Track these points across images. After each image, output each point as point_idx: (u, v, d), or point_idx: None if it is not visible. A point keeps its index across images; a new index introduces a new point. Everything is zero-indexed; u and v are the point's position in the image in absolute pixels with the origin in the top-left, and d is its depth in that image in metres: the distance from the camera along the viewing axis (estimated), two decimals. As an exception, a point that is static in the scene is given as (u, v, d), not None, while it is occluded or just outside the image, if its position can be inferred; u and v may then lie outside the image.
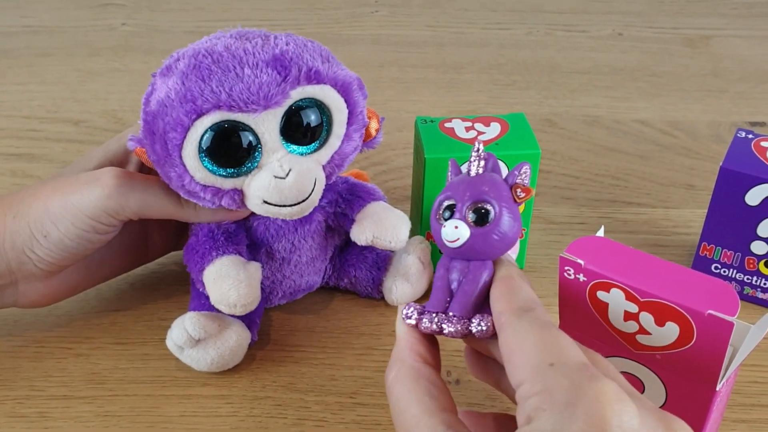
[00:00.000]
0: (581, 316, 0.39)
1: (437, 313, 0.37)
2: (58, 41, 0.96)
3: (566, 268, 0.38)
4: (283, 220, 0.53)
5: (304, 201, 0.50)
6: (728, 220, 0.56)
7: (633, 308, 0.37)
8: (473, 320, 0.36)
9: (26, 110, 0.83)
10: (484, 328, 0.36)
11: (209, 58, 0.46)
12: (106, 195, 0.48)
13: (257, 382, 0.52)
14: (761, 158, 0.55)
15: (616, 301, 0.37)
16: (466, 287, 0.37)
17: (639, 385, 0.40)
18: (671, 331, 0.36)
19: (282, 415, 0.50)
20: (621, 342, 0.39)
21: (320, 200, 0.54)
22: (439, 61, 0.92)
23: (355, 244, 0.56)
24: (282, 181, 0.48)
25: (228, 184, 0.49)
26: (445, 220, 0.37)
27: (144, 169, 0.55)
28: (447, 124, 0.58)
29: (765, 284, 0.57)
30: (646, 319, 0.37)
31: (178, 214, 0.51)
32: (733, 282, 0.58)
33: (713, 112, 0.83)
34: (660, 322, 0.37)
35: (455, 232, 0.36)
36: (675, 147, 0.77)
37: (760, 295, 0.58)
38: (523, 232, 0.60)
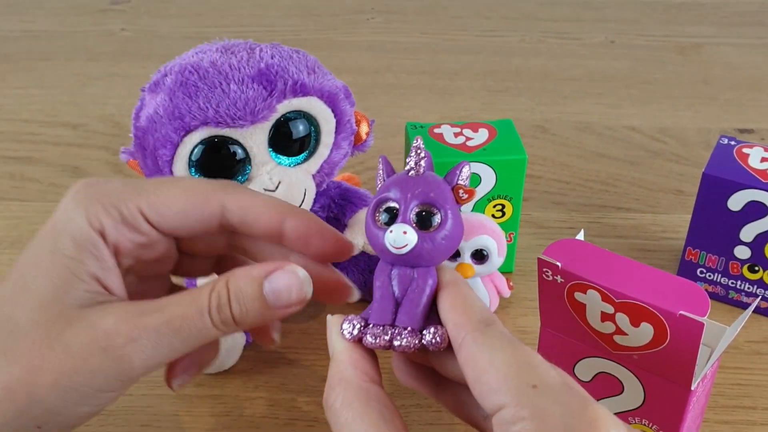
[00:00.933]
0: (561, 316, 0.41)
1: (384, 326, 0.35)
2: (58, 46, 0.98)
3: (544, 269, 0.39)
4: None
5: (294, 209, 0.51)
6: (712, 225, 0.57)
7: (609, 309, 0.38)
8: (425, 332, 0.34)
9: (25, 114, 0.84)
10: (439, 340, 0.34)
11: (195, 75, 0.47)
12: (126, 367, 0.34)
13: (250, 383, 0.53)
14: (743, 164, 0.56)
15: (592, 301, 0.38)
16: (414, 296, 0.35)
17: (618, 386, 0.41)
18: (646, 331, 0.37)
19: (273, 415, 0.51)
20: (600, 343, 0.40)
21: (313, 205, 0.55)
22: (433, 67, 0.94)
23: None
24: (272, 193, 0.49)
25: None
26: (386, 224, 0.35)
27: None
28: (436, 130, 0.60)
29: (749, 288, 0.59)
30: (622, 319, 0.38)
31: (220, 335, 0.36)
32: (718, 286, 0.60)
33: (703, 119, 0.84)
34: (635, 323, 0.38)
35: (404, 237, 0.34)
36: (665, 153, 0.78)
37: (745, 299, 0.59)
38: (511, 236, 0.61)
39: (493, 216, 0.59)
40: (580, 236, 0.42)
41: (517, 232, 0.61)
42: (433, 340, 0.34)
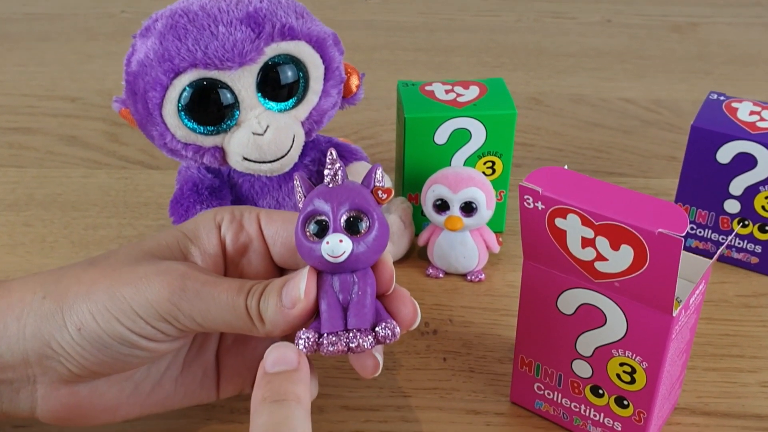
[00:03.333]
0: (543, 246, 0.41)
1: (337, 332, 0.37)
2: (58, 27, 0.99)
3: (525, 197, 0.39)
4: (267, 178, 0.55)
5: (283, 157, 0.51)
6: (701, 180, 0.57)
7: (589, 233, 0.38)
8: (377, 329, 0.37)
9: (25, 89, 0.85)
10: (390, 333, 0.37)
11: (185, 18, 0.48)
12: (167, 295, 0.37)
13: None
14: (732, 117, 0.56)
15: (573, 227, 0.39)
16: (359, 299, 0.37)
17: (601, 317, 0.41)
18: (626, 254, 0.38)
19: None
20: (581, 272, 0.40)
21: (303, 158, 0.56)
22: (430, 45, 0.94)
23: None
24: (260, 137, 0.50)
25: (208, 141, 0.51)
26: (317, 236, 0.36)
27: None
28: (427, 87, 0.60)
29: (740, 244, 0.59)
30: (602, 243, 0.38)
31: (247, 327, 0.38)
32: (708, 242, 0.60)
33: (698, 91, 0.84)
34: (615, 246, 0.38)
35: (340, 246, 0.36)
36: (659, 123, 0.79)
37: (735, 255, 0.59)
38: (501, 194, 0.61)
39: (483, 174, 0.59)
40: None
41: (508, 190, 0.61)
42: (387, 333, 0.37)
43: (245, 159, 0.50)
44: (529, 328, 0.45)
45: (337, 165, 0.37)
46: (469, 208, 0.55)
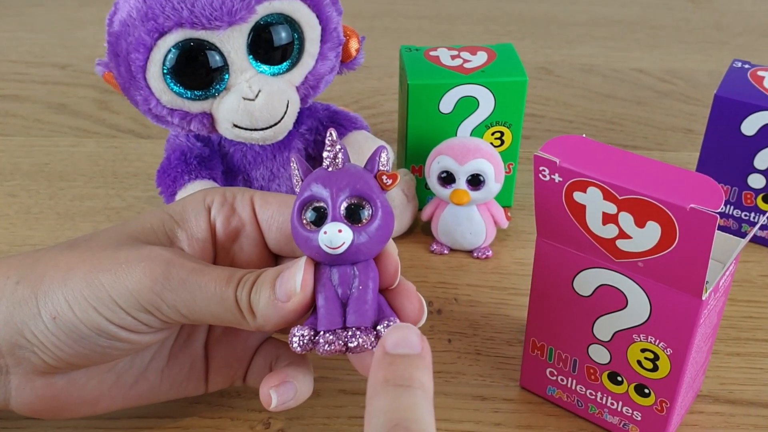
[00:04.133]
0: (559, 223, 0.38)
1: (335, 330, 0.34)
2: (48, -9, 0.95)
3: (541, 168, 0.36)
4: (261, 147, 0.52)
5: (276, 124, 0.48)
6: (724, 153, 0.54)
7: (611, 209, 0.35)
8: (379, 327, 0.33)
9: (13, 55, 0.82)
10: None
11: None
12: (149, 284, 0.34)
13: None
14: (758, 86, 0.53)
15: (593, 201, 0.35)
16: (360, 293, 0.34)
17: (621, 300, 0.38)
18: (652, 232, 0.34)
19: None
20: (601, 250, 0.37)
21: (300, 126, 0.52)
22: (434, 12, 0.90)
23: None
24: (251, 102, 0.46)
25: (196, 107, 0.47)
26: (315, 225, 0.33)
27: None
28: (432, 53, 0.56)
29: (765, 221, 0.55)
30: (626, 220, 0.35)
31: (236, 321, 0.35)
32: (730, 219, 0.56)
33: (714, 62, 0.81)
34: (640, 223, 0.35)
35: (339, 236, 0.32)
36: (674, 94, 0.75)
37: (759, 233, 0.56)
38: (510, 167, 0.58)
39: (491, 145, 0.56)
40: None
41: (517, 163, 0.58)
42: None
43: (235, 126, 0.47)
44: (542, 310, 0.42)
45: (338, 147, 0.34)
46: (476, 181, 0.52)
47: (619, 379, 0.41)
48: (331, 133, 0.34)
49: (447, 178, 0.52)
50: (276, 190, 0.53)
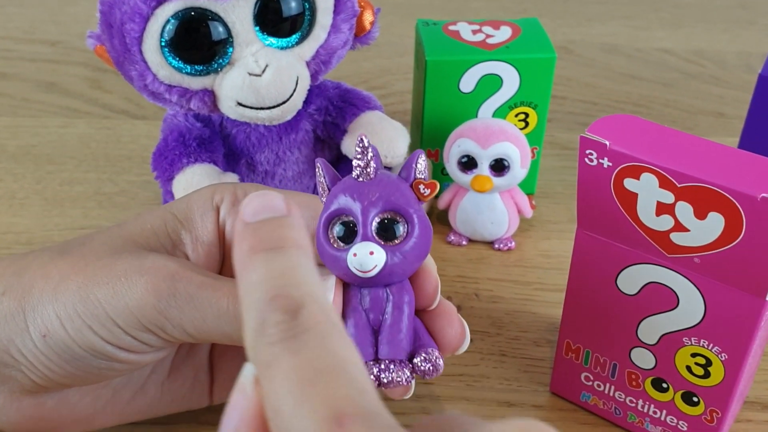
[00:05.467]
0: (604, 213, 0.33)
1: (365, 363, 0.30)
2: (38, -36, 0.90)
3: (588, 151, 0.32)
4: (266, 128, 0.47)
5: (284, 103, 0.44)
6: (767, 138, 0.50)
7: (668, 198, 0.31)
8: (415, 360, 0.30)
9: (1, 31, 0.77)
10: (431, 367, 0.30)
11: None
12: (152, 302, 0.30)
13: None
14: (806, 65, 0.48)
15: (647, 189, 0.31)
16: (393, 321, 0.30)
17: (672, 299, 0.34)
18: (714, 224, 0.30)
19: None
20: (652, 244, 0.33)
21: (308, 106, 0.48)
22: (446, -12, 0.86)
23: (346, 159, 0.50)
24: (257, 78, 0.42)
25: (196, 83, 0.43)
26: (343, 242, 0.30)
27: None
28: (451, 27, 0.52)
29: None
30: (684, 210, 0.31)
31: None
32: (768, 209, 0.52)
33: (742, 42, 0.76)
34: (701, 214, 0.30)
35: (371, 259, 0.29)
36: (702, 76, 0.71)
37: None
38: (534, 151, 0.53)
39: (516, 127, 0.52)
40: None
41: (541, 147, 0.54)
42: (428, 367, 0.30)
43: (239, 104, 0.43)
44: (579, 309, 0.38)
45: (370, 153, 0.30)
46: (500, 167, 0.48)
47: (665, 385, 0.37)
48: (362, 139, 0.29)
49: (468, 163, 0.48)
50: (281, 175, 0.49)
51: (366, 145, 0.30)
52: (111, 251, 0.32)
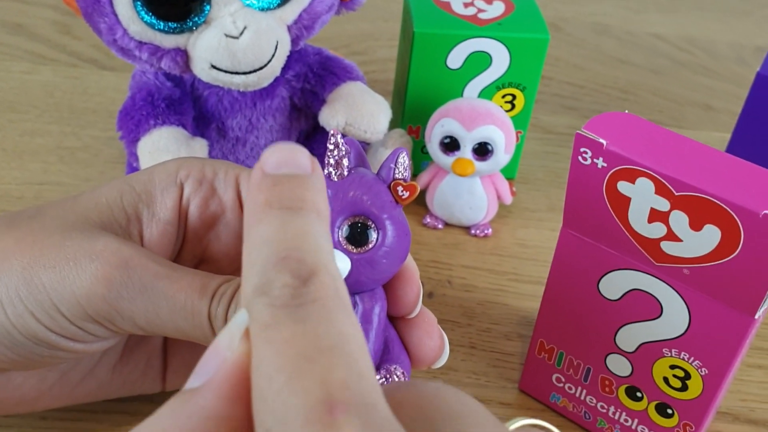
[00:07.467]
0: (593, 215, 0.32)
1: None
2: None
3: (582, 150, 0.30)
4: (239, 93, 0.45)
5: (261, 68, 0.41)
6: (760, 138, 0.48)
7: (663, 205, 0.29)
8: (378, 378, 0.27)
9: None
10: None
11: None
12: (101, 292, 0.28)
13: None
14: (806, 66, 0.47)
15: (642, 195, 0.29)
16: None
17: (656, 308, 0.33)
18: (710, 236, 0.29)
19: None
20: (640, 250, 0.31)
21: (286, 72, 0.45)
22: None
23: (323, 131, 0.48)
24: (234, 41, 0.40)
25: (169, 42, 0.40)
26: None
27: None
28: (442, -1, 0.50)
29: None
30: (679, 220, 0.29)
31: (204, 338, 0.29)
32: (752, 211, 0.51)
33: (736, 33, 0.75)
34: (696, 225, 0.29)
35: None
36: (692, 65, 0.69)
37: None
38: (519, 134, 0.51)
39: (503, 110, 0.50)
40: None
41: (526, 131, 0.52)
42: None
43: (213, 67, 0.40)
44: (557, 309, 0.36)
45: (342, 149, 0.27)
46: (483, 150, 0.46)
47: (639, 395, 0.36)
48: (333, 135, 0.27)
49: (450, 145, 0.46)
50: (254, 143, 0.47)
51: (338, 141, 0.27)
52: (62, 228, 0.29)
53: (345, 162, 0.27)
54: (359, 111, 0.46)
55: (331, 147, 0.27)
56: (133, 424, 0.36)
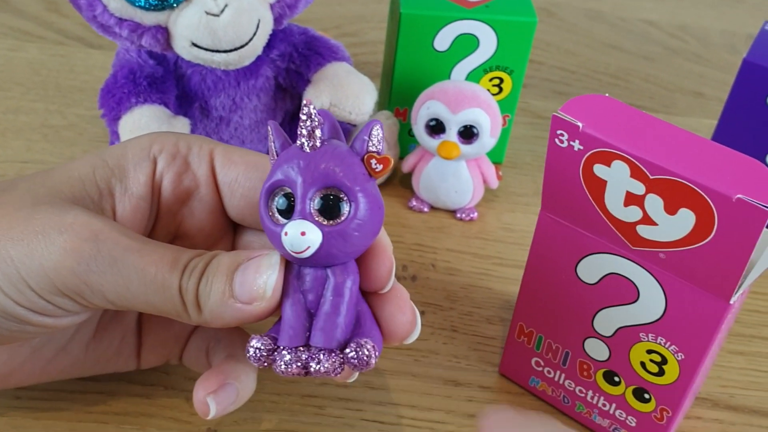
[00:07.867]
0: (570, 198, 0.31)
1: (295, 348, 0.27)
2: None
3: (559, 132, 0.30)
4: (223, 72, 0.45)
5: (242, 47, 0.41)
6: (745, 125, 0.48)
7: (639, 188, 0.29)
8: (347, 351, 0.27)
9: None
10: (366, 357, 0.27)
11: None
12: (70, 265, 0.27)
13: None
14: (794, 53, 0.46)
15: (617, 178, 0.29)
16: (333, 307, 0.27)
17: (632, 292, 0.32)
18: (684, 220, 0.28)
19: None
20: (617, 234, 0.31)
21: (271, 51, 0.45)
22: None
23: (308, 111, 0.47)
24: (215, 19, 0.39)
25: (149, 18, 0.40)
26: (283, 216, 0.27)
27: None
28: (430, -20, 0.49)
29: (775, 204, 0.50)
30: (654, 203, 0.29)
31: (175, 313, 0.28)
32: (738, 198, 0.51)
33: (728, 21, 0.74)
34: (671, 209, 0.29)
35: (303, 240, 0.26)
36: (684, 52, 0.69)
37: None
38: (506, 119, 0.51)
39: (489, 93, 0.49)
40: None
41: (513, 115, 0.52)
42: (360, 359, 0.27)
43: (194, 45, 0.40)
44: (536, 292, 0.36)
45: (315, 120, 0.27)
46: (469, 134, 0.46)
47: (617, 379, 0.36)
48: (306, 105, 0.27)
49: (436, 127, 0.46)
50: (237, 123, 0.46)
51: (309, 112, 0.27)
52: (32, 202, 0.29)
53: (318, 133, 0.27)
54: (344, 92, 0.45)
55: (303, 117, 0.27)
56: (108, 405, 0.36)
